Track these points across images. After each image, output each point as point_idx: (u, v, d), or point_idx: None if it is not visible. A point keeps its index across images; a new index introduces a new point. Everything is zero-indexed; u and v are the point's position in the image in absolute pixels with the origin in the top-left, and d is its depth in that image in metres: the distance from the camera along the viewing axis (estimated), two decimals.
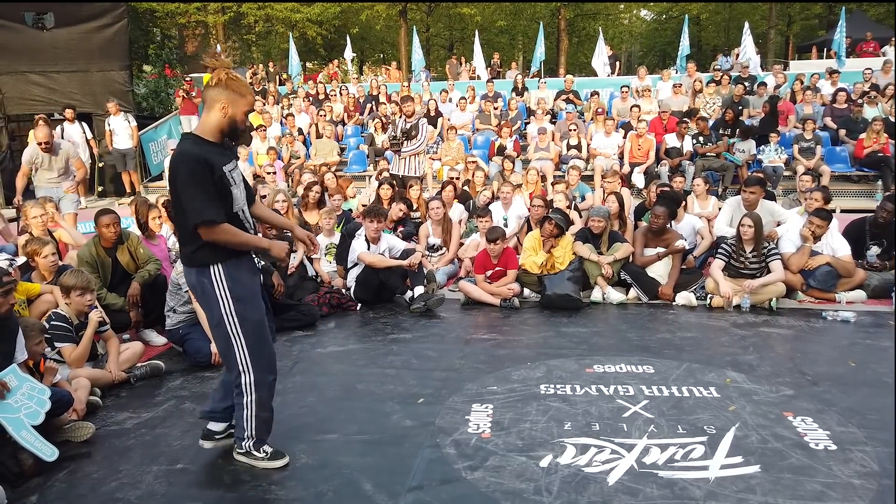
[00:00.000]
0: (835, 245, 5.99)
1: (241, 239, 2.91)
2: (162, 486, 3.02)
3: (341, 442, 3.41)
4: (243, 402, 3.04)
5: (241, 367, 3.00)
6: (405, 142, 8.28)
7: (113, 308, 4.86)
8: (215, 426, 3.27)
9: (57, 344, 4.07)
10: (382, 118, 12.44)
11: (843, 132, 11.11)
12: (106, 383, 4.13)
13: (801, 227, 6.04)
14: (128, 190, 11.85)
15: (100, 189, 12.18)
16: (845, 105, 11.61)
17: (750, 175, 7.52)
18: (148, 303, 5.19)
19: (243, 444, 3.14)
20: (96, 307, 4.40)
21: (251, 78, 16.59)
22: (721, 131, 10.83)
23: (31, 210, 5.89)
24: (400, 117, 8.55)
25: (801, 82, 12.49)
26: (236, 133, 2.93)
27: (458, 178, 8.86)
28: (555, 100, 13.60)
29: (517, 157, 10.95)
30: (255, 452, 3.14)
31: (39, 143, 7.65)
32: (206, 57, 2.93)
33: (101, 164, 12.06)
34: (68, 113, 11.26)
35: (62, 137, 10.98)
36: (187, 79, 15.24)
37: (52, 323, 4.10)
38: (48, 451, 3.14)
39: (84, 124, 11.69)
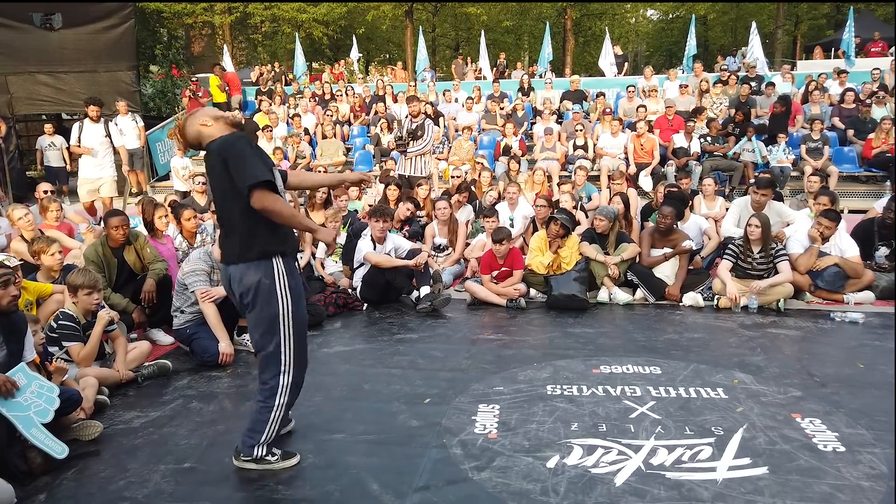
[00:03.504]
0: (843, 246, 5.96)
1: (290, 212, 2.88)
2: (169, 485, 3.03)
3: (348, 442, 3.41)
4: (274, 403, 3.04)
5: (283, 367, 3.01)
6: (411, 142, 8.29)
7: (116, 308, 4.86)
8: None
9: (65, 343, 4.08)
10: (385, 118, 12.44)
11: (851, 132, 11.06)
12: (113, 382, 4.14)
13: (810, 227, 6.01)
14: (135, 189, 11.89)
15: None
16: (853, 105, 11.56)
17: (761, 177, 7.48)
18: (154, 302, 5.21)
19: (255, 450, 3.09)
20: (104, 307, 4.41)
21: (257, 79, 16.60)
22: (729, 130, 10.80)
23: (15, 212, 5.89)
24: (406, 117, 8.56)
25: (816, 83, 12.42)
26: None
27: (459, 177, 8.84)
28: (561, 100, 13.57)
29: (523, 157, 10.94)
30: (269, 457, 3.12)
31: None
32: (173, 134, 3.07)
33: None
34: (92, 111, 9.52)
35: (78, 141, 9.46)
36: (194, 79, 15.31)
37: (59, 322, 4.11)
38: (58, 449, 3.16)
39: (110, 124, 10.60)
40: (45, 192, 7.47)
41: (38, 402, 3.18)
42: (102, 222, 5.23)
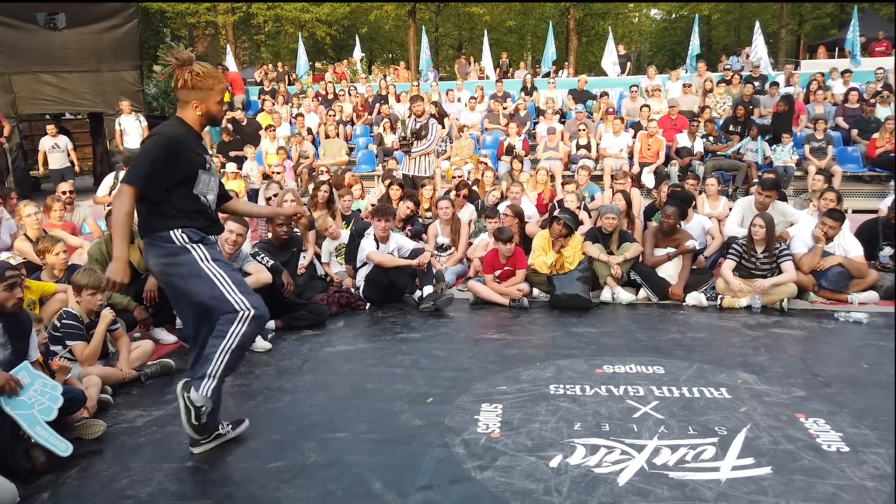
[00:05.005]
0: (847, 246, 5.95)
1: (119, 223, 2.83)
2: (172, 484, 3.03)
3: (351, 441, 3.41)
4: (229, 330, 2.94)
5: (239, 306, 2.95)
6: (415, 142, 8.27)
7: (117, 307, 4.86)
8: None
9: (68, 342, 4.09)
10: (388, 118, 12.44)
11: (855, 132, 11.03)
12: (116, 381, 4.15)
13: (814, 227, 5.99)
14: None
15: None
16: (857, 105, 11.53)
17: (766, 178, 7.43)
18: (157, 301, 5.21)
19: (204, 382, 3.01)
20: (106, 306, 4.42)
21: (262, 77, 16.62)
22: (731, 128, 10.77)
23: (25, 209, 5.90)
24: (410, 117, 8.55)
25: (818, 82, 12.37)
26: (215, 121, 3.08)
27: (461, 177, 8.85)
28: (568, 94, 13.57)
29: (526, 156, 10.93)
30: (202, 406, 3.07)
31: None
32: (167, 53, 2.95)
33: None
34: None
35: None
36: None
37: (62, 321, 4.12)
38: (62, 447, 3.16)
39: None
40: (64, 192, 7.41)
41: (41, 401, 3.18)
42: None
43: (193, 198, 2.96)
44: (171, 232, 2.93)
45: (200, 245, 2.96)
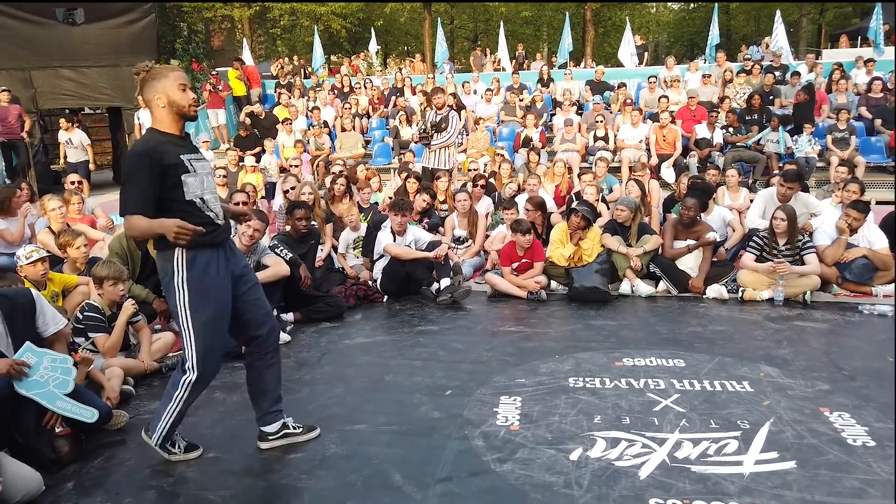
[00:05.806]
0: (871, 237, 5.84)
1: (148, 226, 2.77)
2: (194, 474, 3.06)
3: (370, 432, 3.41)
4: (174, 395, 3.04)
5: (188, 363, 2.99)
6: (435, 134, 8.23)
7: (137, 299, 4.88)
8: (268, 428, 3.29)
9: (90, 334, 4.13)
10: (405, 111, 12.41)
11: (878, 122, 10.82)
12: (138, 373, 4.19)
13: (838, 219, 5.90)
14: None
15: None
16: (881, 94, 11.31)
17: (789, 169, 7.30)
18: None
19: (154, 436, 3.13)
20: (127, 298, 4.45)
21: (277, 72, 16.64)
22: (748, 117, 10.62)
23: (49, 203, 5.97)
24: (430, 109, 8.51)
25: (841, 72, 12.15)
26: (184, 113, 2.92)
27: (477, 170, 8.80)
28: (586, 85, 13.47)
29: (543, 148, 10.86)
30: (171, 447, 3.17)
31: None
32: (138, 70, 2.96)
33: None
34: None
35: None
36: (213, 73, 15.37)
37: (84, 313, 4.16)
38: (88, 414, 3.18)
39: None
40: (73, 182, 7.56)
41: (54, 376, 3.16)
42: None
43: (190, 205, 2.86)
44: (175, 252, 2.87)
45: (185, 275, 2.88)
